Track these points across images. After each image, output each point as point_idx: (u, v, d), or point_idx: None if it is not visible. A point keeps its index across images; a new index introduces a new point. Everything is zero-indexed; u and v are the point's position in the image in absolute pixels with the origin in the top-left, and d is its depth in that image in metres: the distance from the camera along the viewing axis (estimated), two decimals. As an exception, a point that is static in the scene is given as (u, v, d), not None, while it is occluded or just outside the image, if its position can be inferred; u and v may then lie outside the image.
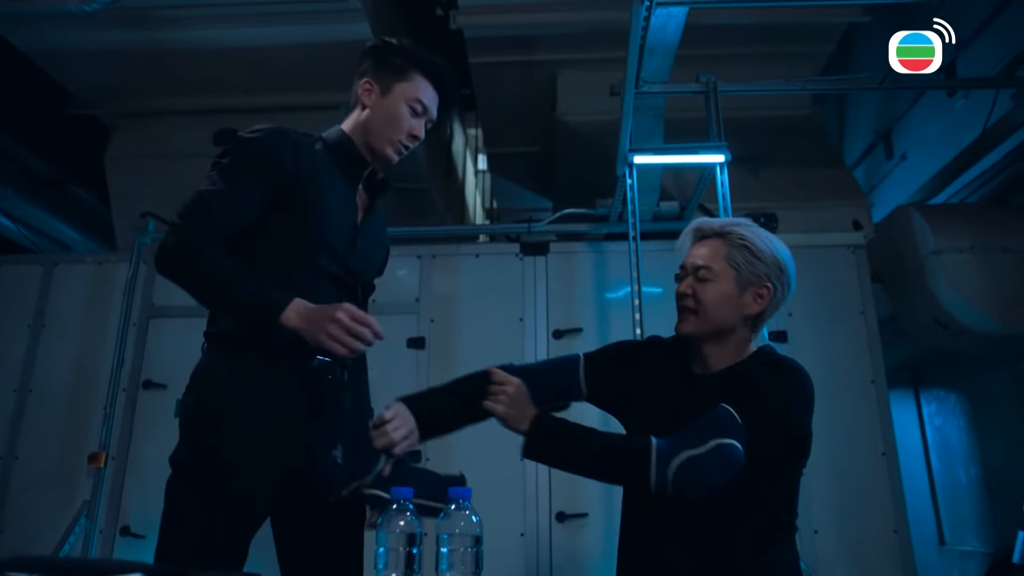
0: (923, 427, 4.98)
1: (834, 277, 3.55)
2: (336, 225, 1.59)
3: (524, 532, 3.23)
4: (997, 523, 4.09)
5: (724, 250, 1.47)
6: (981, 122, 3.56)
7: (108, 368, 3.53)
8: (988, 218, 3.64)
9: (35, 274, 3.83)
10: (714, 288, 1.45)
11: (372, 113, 1.64)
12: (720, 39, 3.74)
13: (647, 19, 2.51)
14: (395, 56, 1.66)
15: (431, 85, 1.67)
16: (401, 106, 1.63)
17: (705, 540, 1.39)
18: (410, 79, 1.64)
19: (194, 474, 1.44)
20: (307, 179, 1.54)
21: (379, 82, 1.65)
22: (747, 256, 1.45)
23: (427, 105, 1.66)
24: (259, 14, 3.59)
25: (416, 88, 1.64)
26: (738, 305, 1.45)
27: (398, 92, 1.63)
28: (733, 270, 1.45)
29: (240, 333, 1.49)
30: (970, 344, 3.64)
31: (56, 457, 3.51)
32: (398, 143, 1.64)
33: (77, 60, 3.91)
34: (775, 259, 1.46)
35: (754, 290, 1.45)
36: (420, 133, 1.66)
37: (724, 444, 1.29)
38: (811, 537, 3.17)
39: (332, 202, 1.58)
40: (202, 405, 1.47)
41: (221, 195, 1.48)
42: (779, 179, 3.83)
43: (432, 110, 1.68)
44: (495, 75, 4.30)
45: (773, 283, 1.45)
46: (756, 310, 1.46)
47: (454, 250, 3.79)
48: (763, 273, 1.45)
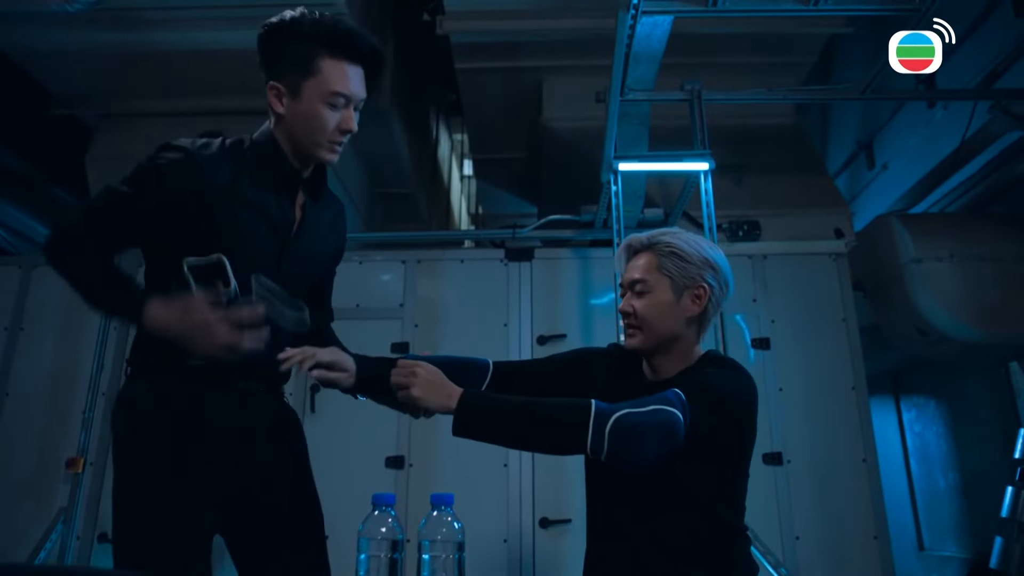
0: (903, 433, 5.03)
1: (816, 285, 3.59)
2: (253, 248, 1.45)
3: (507, 538, 3.23)
4: (975, 528, 4.14)
5: (655, 261, 1.51)
6: (960, 133, 3.62)
7: (87, 372, 3.49)
8: (967, 227, 3.69)
9: (13, 276, 3.78)
10: (652, 299, 1.49)
11: (290, 121, 1.46)
12: (705, 48, 3.77)
13: (632, 27, 2.53)
14: (291, 42, 1.44)
15: (346, 63, 1.44)
16: (317, 105, 1.43)
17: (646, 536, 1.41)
18: (319, 71, 1.42)
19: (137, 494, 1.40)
20: (216, 202, 1.41)
21: (286, 84, 1.45)
22: (676, 262, 1.49)
23: (348, 93, 1.44)
24: (243, 16, 3.56)
25: (329, 79, 1.42)
26: (678, 311, 1.49)
27: (309, 91, 1.43)
28: (667, 278, 1.49)
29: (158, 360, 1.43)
30: (949, 352, 3.69)
31: (33, 462, 3.46)
32: (328, 144, 1.46)
33: (59, 60, 3.87)
34: (704, 259, 1.50)
35: (691, 292, 1.49)
36: (351, 125, 1.46)
37: (663, 410, 1.30)
38: (792, 543, 3.19)
39: (249, 223, 1.45)
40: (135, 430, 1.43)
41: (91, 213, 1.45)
42: (762, 187, 3.87)
43: (357, 93, 1.46)
44: (481, 81, 4.31)
45: (708, 282, 1.49)
46: (696, 311, 1.49)
47: (439, 255, 3.78)
48: (695, 274, 1.49)
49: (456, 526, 1.13)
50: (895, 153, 4.57)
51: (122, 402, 1.47)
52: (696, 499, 1.41)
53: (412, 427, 3.38)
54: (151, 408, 1.42)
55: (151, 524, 1.37)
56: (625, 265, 1.57)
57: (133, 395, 1.45)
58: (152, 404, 1.42)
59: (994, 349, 3.59)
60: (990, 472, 3.96)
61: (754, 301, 3.56)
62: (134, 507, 1.39)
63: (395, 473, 3.33)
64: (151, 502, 1.38)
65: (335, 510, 1.86)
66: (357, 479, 3.14)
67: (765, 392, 3.36)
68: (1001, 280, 3.49)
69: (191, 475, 1.39)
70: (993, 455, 3.95)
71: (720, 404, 1.37)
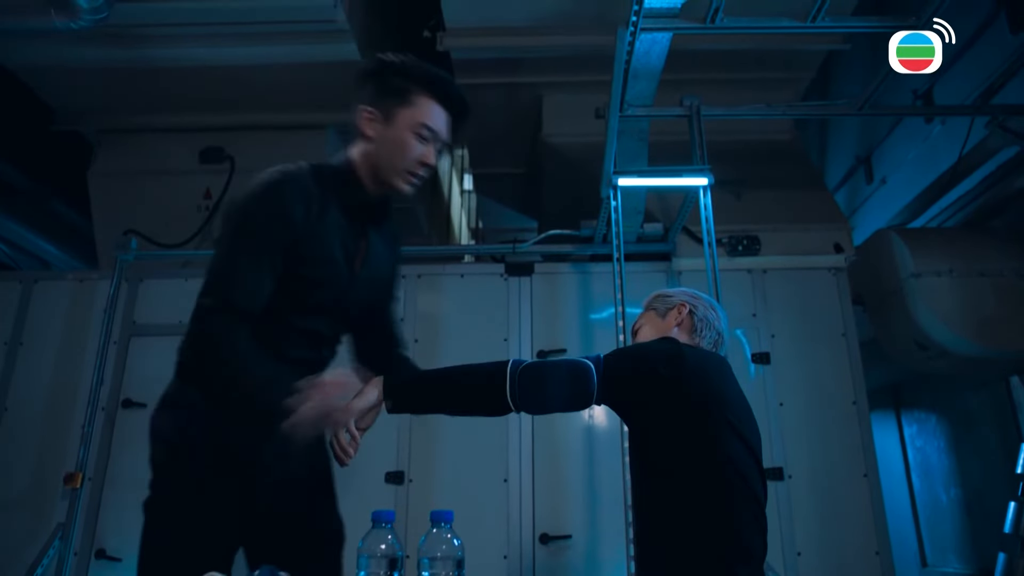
0: (904, 448, 5.01)
1: (816, 299, 3.59)
2: (334, 278, 1.54)
3: (507, 554, 3.21)
4: (978, 544, 4.11)
5: (644, 308, 1.84)
6: (958, 148, 3.64)
7: (87, 387, 3.48)
8: (966, 242, 3.70)
9: (14, 291, 3.78)
10: (644, 332, 1.78)
11: (377, 144, 1.53)
12: (704, 64, 3.80)
13: (631, 44, 2.55)
14: (395, 77, 1.53)
15: (438, 105, 1.54)
16: (406, 133, 1.51)
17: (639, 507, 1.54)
18: (414, 103, 1.51)
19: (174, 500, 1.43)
20: (311, 232, 1.48)
21: (381, 109, 1.53)
22: (659, 299, 1.81)
23: (435, 129, 1.53)
24: (246, 33, 3.60)
25: (421, 112, 1.51)
26: (665, 324, 1.75)
27: (403, 120, 1.51)
28: (652, 311, 1.80)
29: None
30: (949, 366, 3.69)
31: (31, 477, 3.44)
32: (408, 174, 1.54)
33: (62, 76, 3.90)
34: (682, 292, 1.80)
35: (673, 312, 1.76)
36: (432, 160, 1.55)
37: (572, 359, 1.52)
38: (794, 559, 3.17)
39: (333, 252, 1.52)
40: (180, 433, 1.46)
41: (241, 278, 1.42)
42: (762, 202, 3.88)
43: (442, 132, 1.55)
44: (481, 96, 4.32)
45: (687, 301, 1.76)
46: (681, 317, 1.74)
47: (439, 270, 3.79)
48: (675, 301, 1.78)
49: (456, 543, 1.13)
50: (894, 168, 4.58)
51: (177, 407, 1.49)
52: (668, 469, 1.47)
53: (412, 442, 3.37)
54: (200, 416, 1.45)
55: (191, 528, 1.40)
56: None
57: (190, 401, 1.48)
58: (211, 411, 1.45)
59: (994, 363, 3.58)
60: (992, 487, 3.94)
61: (754, 316, 3.56)
62: (174, 511, 1.42)
63: (395, 489, 3.31)
64: (194, 509, 1.41)
65: (334, 526, 1.85)
66: (356, 495, 3.12)
67: (765, 407, 3.36)
68: (1000, 295, 3.49)
69: (234, 486, 1.43)
70: (995, 470, 3.93)
71: (635, 352, 1.59)
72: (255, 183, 1.48)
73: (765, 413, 3.33)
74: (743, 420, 1.52)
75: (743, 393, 1.61)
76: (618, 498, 2.84)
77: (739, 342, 3.49)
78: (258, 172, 1.53)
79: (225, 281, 1.42)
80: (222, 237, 1.47)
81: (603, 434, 3.38)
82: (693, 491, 1.44)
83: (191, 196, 4.13)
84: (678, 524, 1.44)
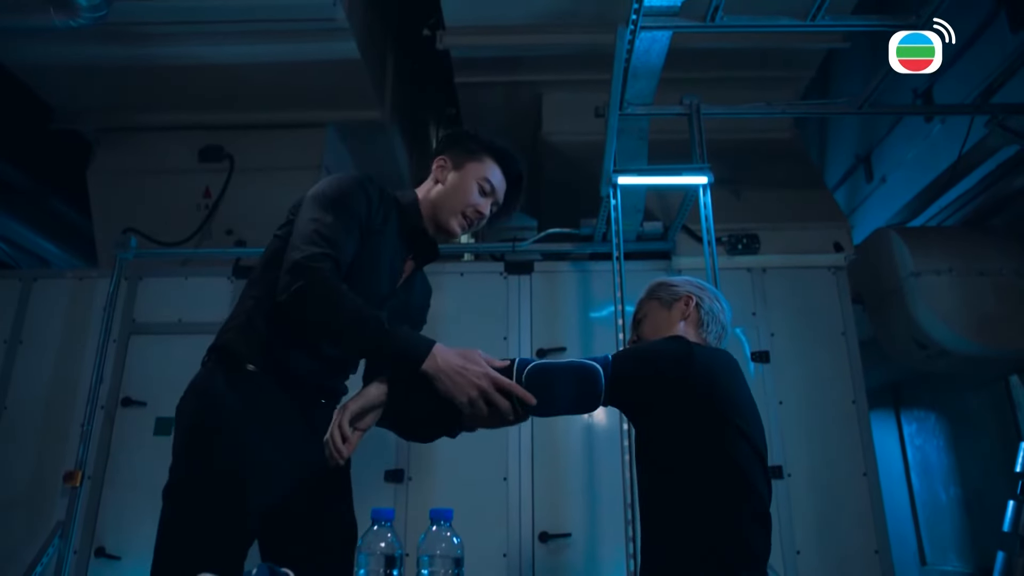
0: (904, 447, 5.01)
1: (815, 298, 3.59)
2: (376, 284, 1.65)
3: (507, 552, 3.21)
4: (977, 543, 4.11)
5: (647, 295, 1.80)
6: (957, 147, 3.63)
7: (86, 385, 3.48)
8: (965, 241, 3.70)
9: (13, 289, 3.78)
10: (648, 321, 1.74)
11: (443, 186, 1.75)
12: (703, 63, 3.80)
13: (631, 42, 2.55)
14: (470, 141, 1.78)
15: (500, 170, 1.77)
16: (470, 181, 1.73)
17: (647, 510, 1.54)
18: (481, 160, 1.75)
19: (195, 486, 1.45)
20: (373, 232, 1.62)
21: (452, 159, 1.76)
22: (664, 288, 1.77)
23: (495, 185, 1.75)
24: (245, 31, 3.60)
25: (486, 168, 1.75)
26: (671, 317, 1.71)
27: (469, 169, 1.74)
28: (656, 300, 1.76)
29: (245, 352, 1.53)
30: (949, 365, 3.68)
31: (30, 476, 3.44)
32: (463, 217, 1.73)
33: (61, 75, 3.89)
34: (687, 281, 1.77)
35: (679, 304, 1.72)
36: (485, 211, 1.76)
37: (579, 360, 1.50)
38: (793, 557, 3.17)
39: (382, 261, 1.66)
40: (205, 420, 1.49)
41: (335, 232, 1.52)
42: (761, 201, 3.87)
43: (499, 192, 1.77)
44: (481, 95, 4.33)
45: (694, 293, 1.72)
46: (688, 311, 1.70)
47: (439, 268, 3.78)
48: (681, 292, 1.73)
49: (455, 541, 1.13)
50: (893, 166, 4.58)
51: (199, 390, 1.53)
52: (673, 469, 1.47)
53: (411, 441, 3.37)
54: (232, 401, 1.49)
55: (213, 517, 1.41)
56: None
57: (212, 386, 1.52)
58: (233, 397, 1.49)
59: (994, 362, 3.58)
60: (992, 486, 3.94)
61: (753, 314, 3.56)
62: (197, 500, 1.43)
63: (394, 487, 3.31)
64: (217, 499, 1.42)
65: (334, 525, 1.85)
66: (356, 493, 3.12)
67: (765, 405, 3.35)
68: (1000, 294, 3.49)
69: (258, 476, 1.46)
70: (994, 469, 3.93)
71: (643, 354, 1.55)
72: (333, 178, 1.63)
73: (764, 412, 3.28)
74: (750, 421, 1.51)
75: (750, 392, 1.60)
76: (617, 497, 2.84)
77: (738, 341, 3.49)
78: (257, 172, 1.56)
79: (322, 237, 1.49)
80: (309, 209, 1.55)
81: (603, 433, 3.38)
82: (698, 492, 1.44)
83: (191, 194, 4.13)
84: (682, 525, 1.44)
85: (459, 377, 1.41)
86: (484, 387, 1.41)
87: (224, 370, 1.53)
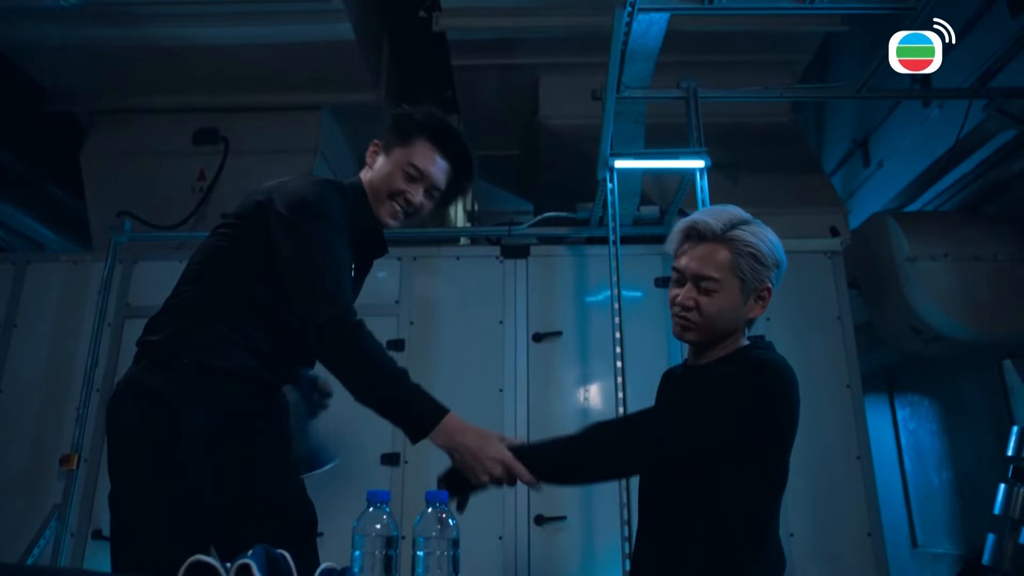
0: (897, 431, 5.04)
1: (811, 283, 3.58)
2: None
3: (502, 535, 3.23)
4: (968, 526, 4.15)
5: (729, 258, 1.41)
6: (955, 132, 3.62)
7: (81, 368, 3.48)
8: (962, 226, 3.70)
9: (7, 273, 3.76)
10: (720, 300, 1.42)
11: (372, 173, 1.69)
12: (701, 46, 3.77)
13: (629, 25, 2.53)
14: (406, 122, 1.68)
15: (436, 152, 1.66)
16: (394, 167, 1.65)
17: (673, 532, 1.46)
18: (410, 144, 1.65)
19: (144, 475, 1.43)
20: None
21: (383, 144, 1.69)
22: (753, 264, 1.41)
23: (423, 170, 1.64)
24: (239, 12, 3.56)
25: (412, 153, 1.64)
26: (742, 312, 1.45)
27: (395, 154, 1.66)
28: (739, 280, 1.41)
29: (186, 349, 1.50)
30: (943, 350, 3.70)
31: (26, 459, 3.44)
32: (392, 206, 1.66)
33: (53, 56, 3.85)
34: (776, 260, 1.45)
35: (755, 294, 1.44)
36: (415, 199, 1.66)
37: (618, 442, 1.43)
38: (786, 540, 3.19)
39: (347, 266, 1.61)
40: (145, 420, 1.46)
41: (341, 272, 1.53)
42: (758, 185, 3.87)
43: (433, 176, 1.66)
44: (477, 78, 4.30)
45: (772, 283, 1.45)
46: (759, 313, 1.47)
47: (435, 252, 3.78)
48: (765, 277, 1.43)
49: (451, 523, 1.13)
50: (891, 151, 4.57)
51: (139, 392, 1.48)
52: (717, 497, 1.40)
53: (407, 424, 3.37)
54: (172, 401, 1.45)
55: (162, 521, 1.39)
56: (685, 249, 1.47)
57: (152, 387, 1.47)
58: (173, 397, 1.45)
59: (988, 347, 3.60)
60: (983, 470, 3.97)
61: (749, 299, 3.56)
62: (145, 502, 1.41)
63: (390, 470, 3.32)
64: (164, 498, 1.40)
65: (330, 507, 1.86)
66: (352, 476, 3.14)
67: (760, 390, 3.36)
68: (995, 279, 3.50)
69: (205, 471, 1.44)
70: (986, 453, 3.96)
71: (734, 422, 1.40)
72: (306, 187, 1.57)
73: (759, 396, 3.33)
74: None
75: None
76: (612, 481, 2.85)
77: (734, 325, 3.49)
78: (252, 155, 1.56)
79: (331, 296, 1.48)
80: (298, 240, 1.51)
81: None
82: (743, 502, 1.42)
83: (185, 177, 4.10)
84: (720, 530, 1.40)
85: (474, 461, 1.43)
86: (497, 475, 1.44)
87: (163, 367, 1.50)
